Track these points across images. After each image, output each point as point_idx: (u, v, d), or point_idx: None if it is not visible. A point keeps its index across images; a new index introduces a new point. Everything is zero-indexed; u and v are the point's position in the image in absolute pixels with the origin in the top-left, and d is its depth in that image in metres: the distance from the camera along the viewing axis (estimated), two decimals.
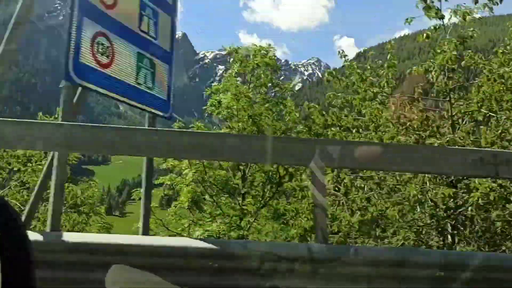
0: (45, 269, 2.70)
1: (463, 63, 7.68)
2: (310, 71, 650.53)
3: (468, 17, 7.48)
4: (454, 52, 7.53)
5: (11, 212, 1.11)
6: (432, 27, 7.97)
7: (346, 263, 2.91)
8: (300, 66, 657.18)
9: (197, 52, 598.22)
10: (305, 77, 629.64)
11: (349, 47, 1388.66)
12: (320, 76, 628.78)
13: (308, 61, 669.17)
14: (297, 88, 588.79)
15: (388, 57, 9.07)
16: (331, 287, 2.84)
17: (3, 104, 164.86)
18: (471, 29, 7.67)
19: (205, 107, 12.99)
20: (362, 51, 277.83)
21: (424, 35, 8.33)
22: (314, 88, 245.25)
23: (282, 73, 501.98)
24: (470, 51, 7.87)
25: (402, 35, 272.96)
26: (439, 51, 7.93)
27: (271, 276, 2.81)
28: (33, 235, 2.98)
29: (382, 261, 2.93)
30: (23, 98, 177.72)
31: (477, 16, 7.60)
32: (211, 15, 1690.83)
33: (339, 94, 8.61)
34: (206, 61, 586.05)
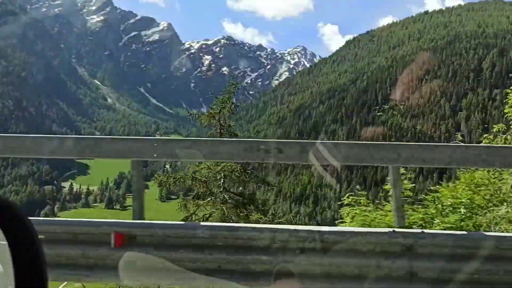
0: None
1: None
2: (296, 60, 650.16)
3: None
4: None
5: (19, 215, 1.15)
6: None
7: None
8: (286, 54, 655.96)
9: (183, 42, 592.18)
10: (291, 66, 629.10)
11: (334, 34, 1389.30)
12: (307, 64, 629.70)
13: (294, 50, 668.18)
14: (283, 77, 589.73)
15: None
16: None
17: None
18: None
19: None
20: (352, 38, 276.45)
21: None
22: (305, 77, 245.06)
23: (268, 62, 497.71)
24: None
25: (391, 22, 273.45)
26: None
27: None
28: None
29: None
30: (14, 92, 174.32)
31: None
32: (195, 4, 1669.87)
33: None
34: (192, 51, 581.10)
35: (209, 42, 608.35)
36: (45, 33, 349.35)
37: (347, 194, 7.31)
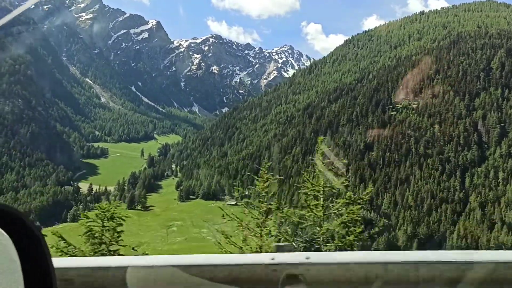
0: None
1: None
2: (284, 59, 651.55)
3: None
4: None
5: (28, 225, 1.16)
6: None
7: None
8: (274, 53, 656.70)
9: (172, 40, 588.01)
10: (279, 65, 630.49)
11: (317, 33, 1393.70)
12: (294, 64, 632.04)
13: (281, 49, 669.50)
14: (272, 76, 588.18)
15: None
16: None
17: (5, 98, 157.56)
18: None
19: None
20: (350, 38, 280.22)
21: None
22: (306, 76, 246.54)
23: (257, 60, 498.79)
24: None
25: (375, 21, 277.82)
26: None
27: None
28: None
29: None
30: (22, 91, 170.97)
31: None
32: (179, 2, 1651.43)
33: None
34: (181, 49, 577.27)
35: (198, 41, 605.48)
36: (36, 31, 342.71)
37: None
